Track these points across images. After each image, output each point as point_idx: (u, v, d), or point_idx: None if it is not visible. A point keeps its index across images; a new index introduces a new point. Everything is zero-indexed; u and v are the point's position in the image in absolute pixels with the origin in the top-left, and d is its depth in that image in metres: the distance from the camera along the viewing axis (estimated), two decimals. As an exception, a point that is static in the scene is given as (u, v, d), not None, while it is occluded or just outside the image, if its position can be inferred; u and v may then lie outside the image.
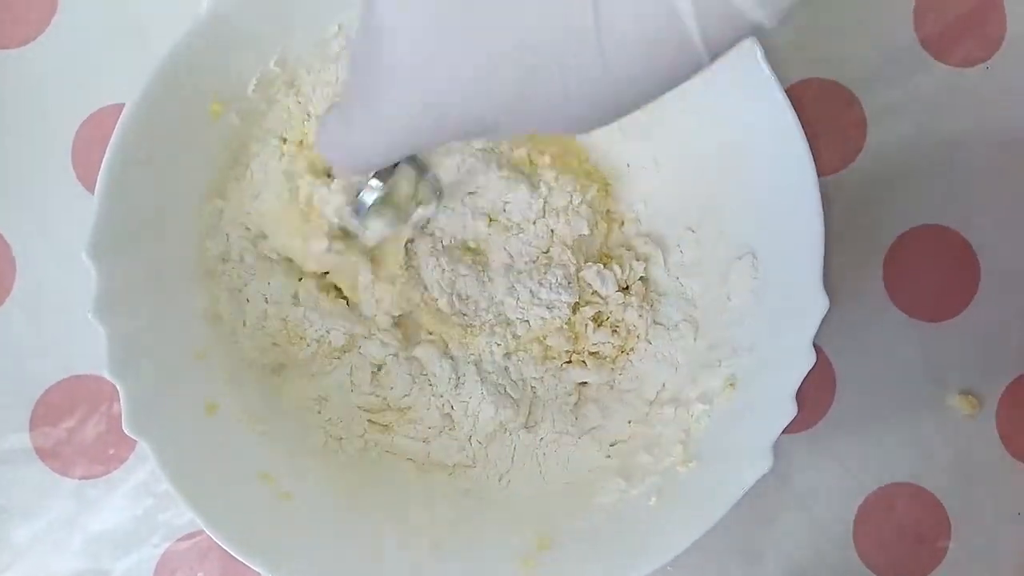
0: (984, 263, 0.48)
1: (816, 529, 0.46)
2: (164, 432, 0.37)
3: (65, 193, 0.47)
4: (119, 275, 0.37)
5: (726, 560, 0.46)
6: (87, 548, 0.46)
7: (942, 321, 0.48)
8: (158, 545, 0.46)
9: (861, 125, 0.48)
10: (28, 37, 0.47)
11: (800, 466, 0.47)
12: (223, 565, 0.46)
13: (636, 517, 0.39)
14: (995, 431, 0.47)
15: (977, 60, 0.49)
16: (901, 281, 0.48)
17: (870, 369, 0.47)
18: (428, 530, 0.41)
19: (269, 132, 0.43)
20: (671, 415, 0.42)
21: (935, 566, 0.47)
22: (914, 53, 0.49)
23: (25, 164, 0.47)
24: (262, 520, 0.39)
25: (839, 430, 0.47)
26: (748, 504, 0.37)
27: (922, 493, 0.47)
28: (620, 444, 0.43)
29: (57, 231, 0.47)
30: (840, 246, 0.46)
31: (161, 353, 0.39)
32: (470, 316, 0.44)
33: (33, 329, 0.46)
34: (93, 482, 0.46)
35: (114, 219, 0.37)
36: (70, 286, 0.46)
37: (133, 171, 0.37)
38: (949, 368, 0.47)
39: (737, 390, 0.40)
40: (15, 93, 0.47)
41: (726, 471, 0.38)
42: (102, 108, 0.47)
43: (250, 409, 0.41)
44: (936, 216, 0.48)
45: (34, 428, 0.46)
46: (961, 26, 0.49)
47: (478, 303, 0.44)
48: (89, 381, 0.46)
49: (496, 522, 0.41)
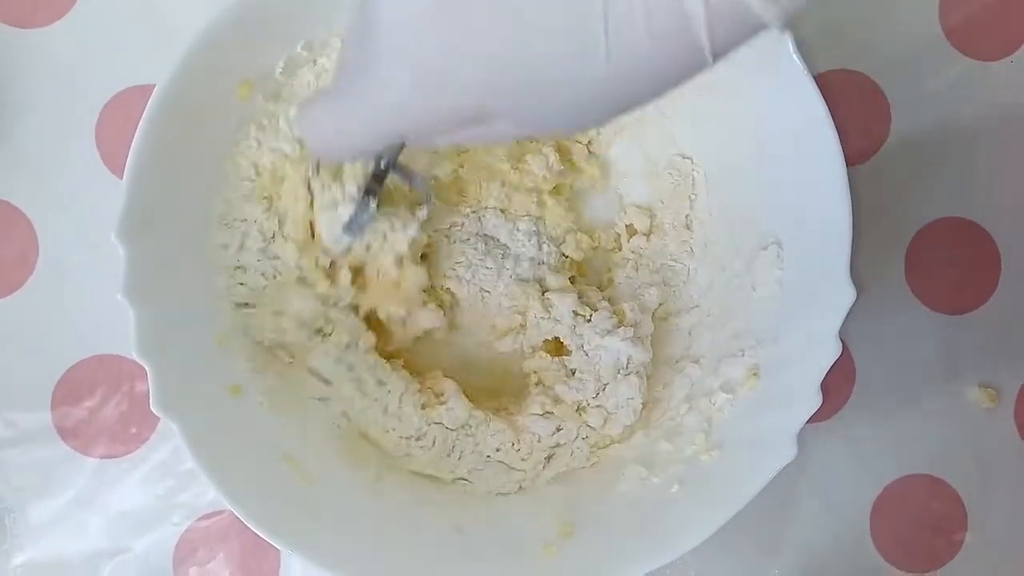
0: (1005, 256, 0.48)
1: (833, 519, 0.47)
2: (190, 411, 0.37)
3: (88, 173, 0.47)
4: (148, 257, 0.37)
5: (743, 549, 0.46)
6: (107, 527, 0.46)
7: (962, 314, 0.48)
8: (178, 524, 0.46)
9: (885, 117, 0.48)
10: (52, 18, 0.47)
11: (818, 456, 0.47)
12: (242, 545, 0.46)
13: (658, 505, 0.39)
14: (1013, 424, 0.47)
15: (1002, 53, 0.48)
16: (922, 273, 0.48)
17: (889, 360, 0.47)
18: (451, 514, 0.41)
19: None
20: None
21: (951, 558, 0.47)
22: (939, 45, 0.48)
23: (49, 144, 0.47)
24: (285, 500, 0.39)
25: (858, 420, 0.47)
26: (766, 493, 0.37)
27: (939, 485, 0.47)
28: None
29: (80, 211, 0.47)
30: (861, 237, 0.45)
31: (187, 334, 0.39)
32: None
33: (55, 309, 0.46)
34: (114, 461, 0.46)
35: (143, 201, 0.37)
36: (93, 266, 0.46)
37: (162, 153, 0.37)
38: (968, 360, 0.48)
39: (761, 380, 0.40)
40: (39, 73, 0.47)
41: (749, 460, 0.38)
42: (127, 89, 0.47)
43: (273, 393, 0.41)
44: (958, 209, 0.48)
45: (55, 407, 0.46)
46: (986, 19, 0.48)
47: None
48: (111, 361, 0.46)
49: (519, 508, 0.41)
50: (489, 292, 0.45)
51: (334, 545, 0.38)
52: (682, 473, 0.40)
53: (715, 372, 0.42)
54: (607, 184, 0.47)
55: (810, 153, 0.38)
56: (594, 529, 0.40)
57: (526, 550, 0.39)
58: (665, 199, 0.46)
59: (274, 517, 0.37)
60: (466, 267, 0.44)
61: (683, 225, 0.46)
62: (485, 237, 0.45)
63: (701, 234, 0.45)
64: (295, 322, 0.42)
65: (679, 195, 0.46)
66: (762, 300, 0.41)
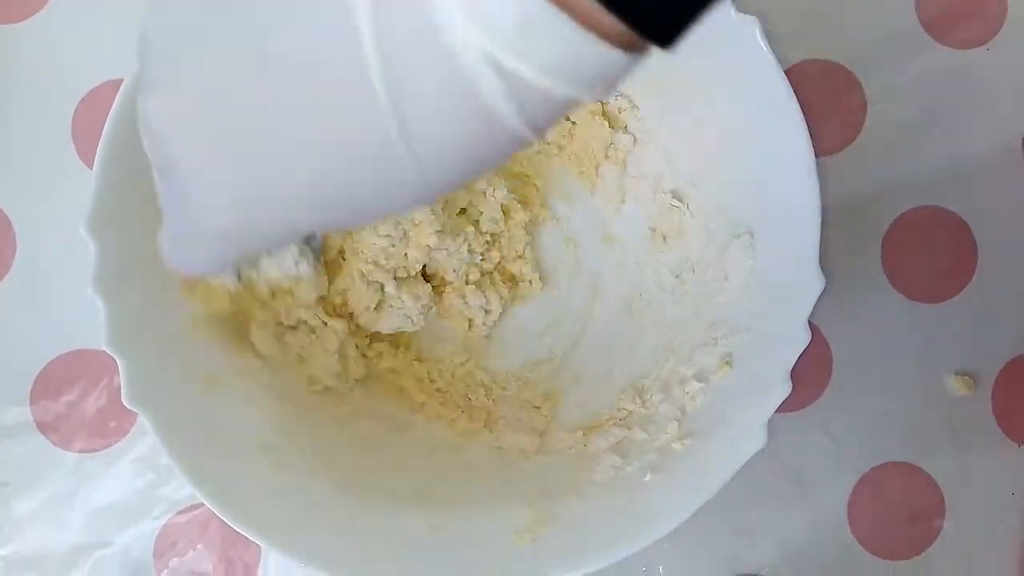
0: (982, 244, 0.48)
1: (811, 507, 0.47)
2: (163, 405, 0.37)
3: (65, 168, 0.47)
4: (118, 250, 0.37)
5: (721, 537, 0.46)
6: (88, 521, 0.46)
7: (939, 302, 0.48)
8: (159, 518, 0.46)
9: (861, 106, 0.48)
10: (27, 13, 0.47)
11: (796, 445, 0.47)
12: (223, 537, 0.46)
13: (632, 493, 0.39)
14: (990, 411, 0.47)
15: (978, 42, 0.49)
16: (899, 261, 0.48)
17: (866, 349, 0.47)
18: (425, 505, 0.41)
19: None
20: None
21: (929, 545, 0.47)
22: (915, 34, 0.49)
23: (25, 139, 0.47)
24: (260, 492, 0.39)
25: (835, 409, 0.47)
26: (744, 482, 0.37)
27: (917, 472, 0.47)
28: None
29: (57, 206, 0.47)
30: (839, 226, 0.46)
31: (160, 327, 0.39)
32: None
33: (34, 303, 0.47)
34: (94, 455, 0.46)
35: (112, 194, 0.37)
36: (70, 260, 0.46)
37: (131, 146, 0.37)
38: (945, 348, 0.48)
39: (733, 368, 0.40)
40: (15, 69, 0.47)
41: (721, 448, 0.38)
42: (102, 83, 0.47)
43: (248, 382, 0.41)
44: (935, 197, 0.48)
45: (35, 402, 0.46)
46: (962, 7, 0.49)
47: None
48: (90, 355, 0.46)
49: (493, 498, 0.41)
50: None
51: (310, 538, 0.38)
52: (655, 461, 0.40)
53: (689, 360, 0.42)
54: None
55: (779, 142, 0.38)
56: (568, 517, 0.40)
57: (501, 540, 0.39)
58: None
59: (250, 511, 0.37)
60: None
61: (655, 214, 0.46)
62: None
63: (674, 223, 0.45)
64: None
65: (650, 185, 0.46)
66: (735, 289, 0.41)
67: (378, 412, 0.45)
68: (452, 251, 0.44)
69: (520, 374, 0.47)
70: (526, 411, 0.45)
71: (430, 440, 0.45)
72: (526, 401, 0.46)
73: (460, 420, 0.45)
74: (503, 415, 0.45)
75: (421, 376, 0.46)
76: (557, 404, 0.46)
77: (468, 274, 0.45)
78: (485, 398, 0.46)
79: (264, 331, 0.42)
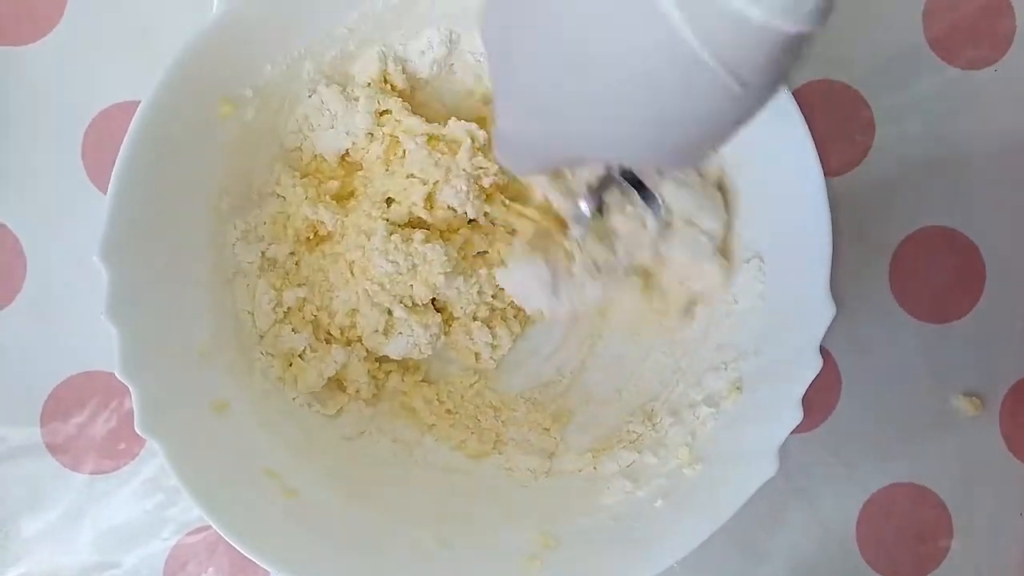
0: (990, 265, 0.48)
1: (820, 528, 0.47)
2: (175, 431, 0.37)
3: (74, 189, 0.47)
4: (131, 276, 0.37)
5: (731, 558, 0.47)
6: (97, 542, 0.46)
7: (946, 323, 0.48)
8: (168, 539, 0.46)
9: (869, 127, 0.48)
10: (37, 35, 0.47)
11: (804, 466, 0.47)
12: (232, 559, 0.46)
13: (642, 518, 0.40)
14: (998, 432, 0.48)
15: (986, 63, 0.49)
16: (906, 282, 0.48)
17: (874, 369, 0.48)
18: (434, 528, 0.41)
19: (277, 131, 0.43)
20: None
21: (937, 565, 0.47)
22: (923, 55, 0.49)
23: (35, 161, 0.47)
24: (269, 516, 0.39)
25: (843, 430, 0.47)
26: (753, 503, 0.37)
27: (925, 493, 0.47)
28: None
29: (68, 228, 0.47)
30: (847, 247, 0.46)
31: (172, 352, 0.39)
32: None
33: (44, 325, 0.47)
34: (103, 477, 0.46)
35: (126, 221, 0.37)
36: (81, 282, 0.46)
37: (145, 172, 0.38)
38: (953, 369, 0.48)
39: (743, 393, 0.40)
40: (25, 91, 0.47)
41: (732, 474, 0.38)
42: (112, 105, 0.47)
43: (258, 407, 0.42)
44: (943, 218, 0.48)
45: (45, 423, 0.46)
46: (970, 29, 0.49)
47: None
48: (99, 377, 0.46)
49: (502, 521, 0.42)
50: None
51: (317, 561, 0.38)
52: (666, 486, 0.40)
53: (699, 384, 0.42)
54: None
55: (790, 169, 0.38)
56: (577, 541, 0.40)
57: (509, 563, 0.39)
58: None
59: (258, 535, 0.38)
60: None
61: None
62: None
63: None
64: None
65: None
66: (744, 313, 0.41)
67: (388, 434, 0.45)
68: (463, 291, 0.44)
69: (529, 395, 0.47)
70: (535, 433, 0.45)
71: (439, 462, 0.45)
72: (535, 423, 0.46)
73: (470, 441, 0.45)
74: (512, 437, 0.45)
75: (431, 397, 0.46)
76: (566, 425, 0.46)
77: (477, 311, 0.45)
78: (494, 419, 0.46)
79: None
